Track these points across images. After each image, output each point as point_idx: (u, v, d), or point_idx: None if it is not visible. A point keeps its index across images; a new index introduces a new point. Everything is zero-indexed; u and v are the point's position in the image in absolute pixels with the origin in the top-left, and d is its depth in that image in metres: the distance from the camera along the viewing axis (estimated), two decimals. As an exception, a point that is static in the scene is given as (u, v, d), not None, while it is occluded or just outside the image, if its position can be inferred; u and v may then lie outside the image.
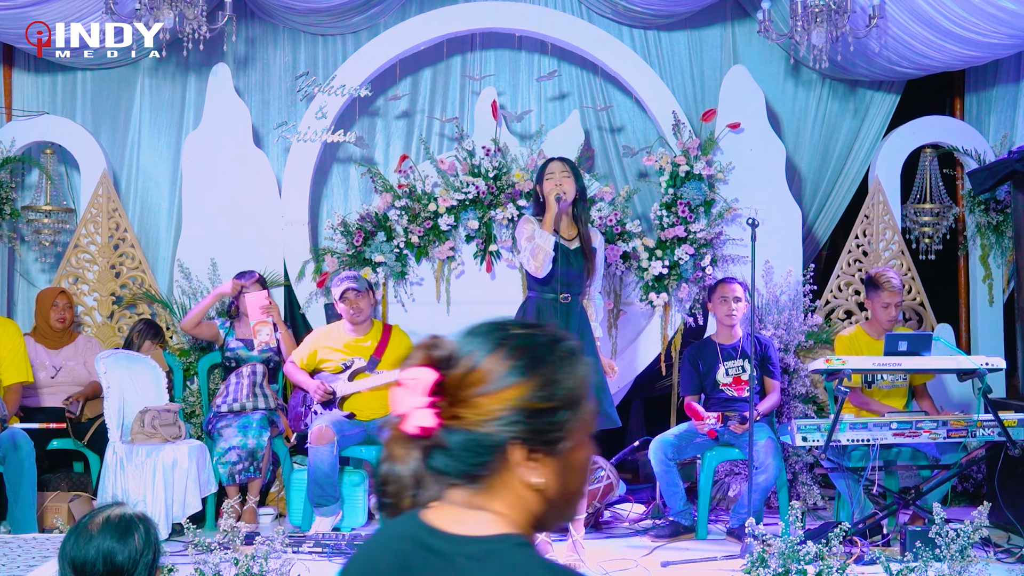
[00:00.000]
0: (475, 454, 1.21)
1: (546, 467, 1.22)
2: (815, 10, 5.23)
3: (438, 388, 1.22)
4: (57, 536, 4.32)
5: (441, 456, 1.23)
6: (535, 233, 4.34)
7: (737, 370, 5.18)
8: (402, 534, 1.25)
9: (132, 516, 2.03)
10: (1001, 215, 6.21)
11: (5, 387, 5.10)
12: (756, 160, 6.02)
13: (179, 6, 5.04)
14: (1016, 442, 4.56)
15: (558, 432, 1.22)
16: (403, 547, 1.24)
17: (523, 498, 1.23)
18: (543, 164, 4.55)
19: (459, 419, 1.21)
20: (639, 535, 5.08)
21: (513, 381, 1.21)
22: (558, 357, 1.23)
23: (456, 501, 1.24)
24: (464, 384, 1.21)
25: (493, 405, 1.20)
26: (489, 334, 1.25)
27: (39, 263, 6.24)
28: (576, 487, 1.27)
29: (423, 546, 1.22)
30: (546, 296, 4.35)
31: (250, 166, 5.99)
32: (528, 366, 1.22)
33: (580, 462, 1.26)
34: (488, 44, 6.38)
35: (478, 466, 1.22)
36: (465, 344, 1.24)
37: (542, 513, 1.25)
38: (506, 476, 1.22)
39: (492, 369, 1.21)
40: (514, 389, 1.20)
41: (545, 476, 1.22)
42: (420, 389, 1.21)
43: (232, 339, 5.52)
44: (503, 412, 1.20)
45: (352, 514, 5.13)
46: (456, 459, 1.22)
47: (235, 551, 3.42)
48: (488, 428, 1.20)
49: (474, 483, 1.23)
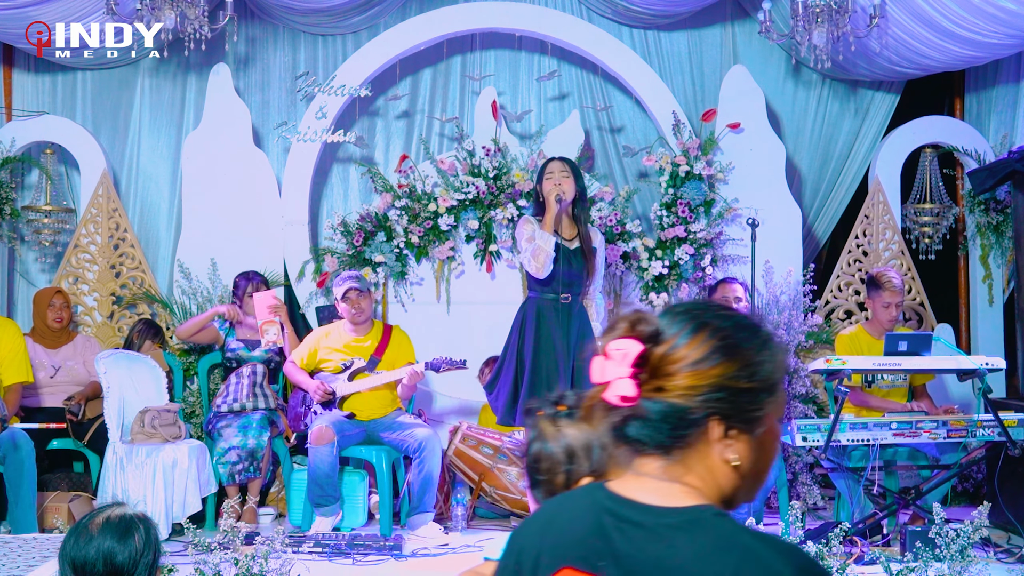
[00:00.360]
0: (674, 426, 1.25)
1: (741, 445, 1.27)
2: (816, 10, 5.23)
3: (641, 360, 1.25)
4: (57, 536, 4.32)
5: (639, 425, 1.27)
6: (535, 234, 4.33)
7: None
8: (591, 505, 1.29)
9: (132, 516, 2.02)
10: (1001, 215, 6.21)
11: (5, 387, 5.10)
12: (756, 160, 6.02)
13: (180, 6, 5.04)
14: (1016, 442, 4.56)
15: (756, 412, 1.27)
16: (597, 518, 1.27)
17: (715, 473, 1.27)
18: (543, 164, 4.55)
19: (662, 391, 1.25)
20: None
21: (718, 360, 1.25)
22: (760, 342, 1.28)
23: (647, 472, 1.28)
24: (669, 359, 1.25)
25: (697, 381, 1.24)
26: (695, 315, 1.29)
27: (39, 263, 6.24)
28: (764, 468, 1.31)
29: (618, 517, 1.25)
30: (547, 296, 4.35)
31: (250, 166, 5.99)
32: (732, 347, 1.26)
33: (771, 444, 1.31)
34: (488, 44, 6.39)
35: (676, 438, 1.26)
36: (671, 322, 1.28)
37: (731, 490, 1.29)
38: (702, 450, 1.26)
39: (697, 347, 1.25)
40: (718, 367, 1.25)
41: (739, 453, 1.27)
42: (625, 360, 1.25)
43: (232, 339, 5.52)
44: (706, 388, 1.24)
45: (352, 514, 5.13)
46: (655, 428, 1.26)
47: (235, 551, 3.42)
48: (690, 402, 1.24)
49: (669, 454, 1.27)
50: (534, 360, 4.28)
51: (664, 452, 1.27)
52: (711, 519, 1.23)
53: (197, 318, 5.56)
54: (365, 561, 4.46)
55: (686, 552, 1.20)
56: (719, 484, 1.28)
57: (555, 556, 1.28)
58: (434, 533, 4.92)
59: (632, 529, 1.24)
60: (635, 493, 1.27)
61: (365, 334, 5.25)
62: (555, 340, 4.28)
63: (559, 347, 4.27)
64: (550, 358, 4.28)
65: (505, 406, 4.32)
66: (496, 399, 4.39)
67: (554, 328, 4.30)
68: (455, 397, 5.91)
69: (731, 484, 1.29)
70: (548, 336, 4.30)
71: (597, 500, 1.29)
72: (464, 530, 5.13)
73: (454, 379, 5.58)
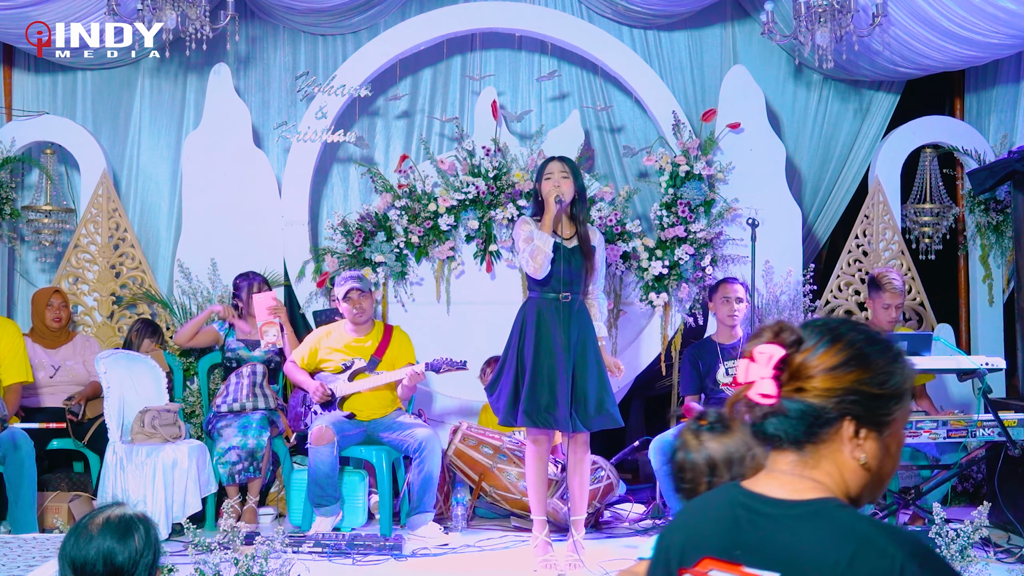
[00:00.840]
0: (810, 423, 1.40)
1: (870, 445, 1.41)
2: (819, 10, 5.23)
3: (782, 364, 1.41)
4: (57, 536, 4.33)
5: (778, 421, 1.42)
6: (533, 234, 4.33)
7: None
8: (728, 501, 1.45)
9: (132, 516, 2.02)
10: (1001, 215, 6.21)
11: (5, 387, 5.10)
12: (756, 160, 6.02)
13: (181, 6, 5.04)
14: (1016, 442, 4.56)
15: (886, 416, 1.41)
16: (732, 512, 1.43)
17: (843, 471, 1.42)
18: (542, 164, 4.54)
19: (801, 392, 1.41)
20: (639, 535, 5.08)
21: (853, 367, 1.40)
22: (891, 356, 1.43)
23: (781, 469, 1.44)
24: (808, 364, 1.41)
25: (833, 384, 1.39)
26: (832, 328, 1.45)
27: (39, 263, 6.24)
28: (888, 471, 1.45)
29: (750, 510, 1.41)
30: (547, 296, 4.34)
31: (250, 166, 5.99)
32: (865, 357, 1.41)
33: (896, 449, 1.45)
34: (488, 44, 6.38)
35: (811, 434, 1.41)
36: (811, 333, 1.44)
37: (856, 488, 1.43)
38: (833, 448, 1.41)
39: (834, 355, 1.41)
40: (853, 374, 1.40)
41: (868, 453, 1.41)
42: (768, 362, 1.42)
43: (232, 339, 5.52)
44: (841, 391, 1.39)
45: (352, 514, 5.13)
46: (792, 425, 1.41)
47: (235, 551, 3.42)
48: (826, 402, 1.40)
49: (801, 450, 1.42)
50: (535, 360, 4.28)
51: (797, 448, 1.42)
52: (833, 509, 1.37)
53: (192, 321, 5.56)
54: (365, 561, 4.46)
55: (808, 539, 1.34)
56: (846, 482, 1.42)
57: (697, 548, 1.44)
58: (434, 533, 4.92)
59: (762, 520, 1.39)
60: (767, 489, 1.42)
61: (366, 334, 5.25)
62: (555, 340, 4.28)
63: (560, 347, 4.27)
64: (551, 358, 4.27)
65: (506, 407, 4.32)
66: (497, 400, 4.39)
67: (555, 328, 4.29)
68: (455, 397, 5.91)
69: (857, 483, 1.42)
70: (548, 336, 4.29)
71: (733, 497, 1.44)
72: (464, 530, 5.13)
73: (454, 379, 5.58)
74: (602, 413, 4.30)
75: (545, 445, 4.40)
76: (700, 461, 1.56)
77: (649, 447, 5.12)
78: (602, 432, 6.03)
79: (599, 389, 4.32)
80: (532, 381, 4.25)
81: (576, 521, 4.43)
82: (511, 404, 4.29)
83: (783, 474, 1.43)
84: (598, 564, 4.34)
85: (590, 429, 4.32)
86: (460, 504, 5.19)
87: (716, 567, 1.41)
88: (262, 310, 5.38)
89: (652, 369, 5.99)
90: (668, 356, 5.91)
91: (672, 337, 5.91)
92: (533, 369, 4.26)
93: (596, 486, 5.08)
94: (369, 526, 5.19)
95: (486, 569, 4.44)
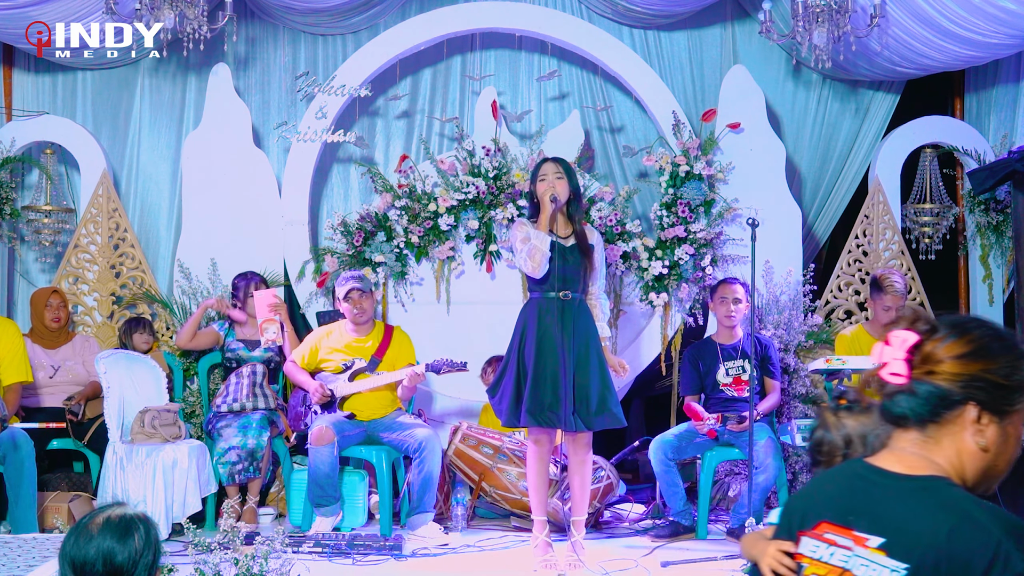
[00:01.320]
0: (936, 404, 1.52)
1: (991, 431, 1.52)
2: (816, 10, 5.23)
3: (915, 349, 1.55)
4: (57, 536, 4.33)
5: (907, 399, 1.55)
6: (530, 234, 4.33)
7: (737, 370, 5.18)
8: (849, 473, 1.60)
9: (133, 516, 2.02)
10: (1001, 215, 6.21)
11: (5, 387, 5.10)
12: (756, 160, 6.02)
13: (180, 6, 5.04)
14: (1016, 442, 4.56)
15: (1008, 407, 1.52)
16: (851, 482, 1.58)
17: (962, 455, 1.53)
18: (536, 166, 4.54)
19: (931, 375, 1.53)
20: (639, 535, 5.08)
21: (980, 358, 1.52)
22: (1019, 353, 1.54)
23: (902, 447, 1.57)
24: (938, 351, 1.53)
25: (960, 370, 1.52)
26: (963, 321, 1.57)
27: (39, 263, 6.24)
28: (1004, 460, 1.56)
29: (867, 481, 1.56)
30: (547, 296, 4.34)
31: (250, 166, 5.99)
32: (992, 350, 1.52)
33: (1015, 440, 1.55)
34: (488, 44, 6.39)
35: (935, 415, 1.53)
36: (944, 324, 1.57)
37: (973, 472, 1.54)
38: (955, 430, 1.53)
39: (964, 345, 1.53)
40: (980, 363, 1.52)
41: (988, 439, 1.52)
42: (902, 346, 1.56)
43: (232, 339, 5.52)
44: (967, 377, 1.51)
45: (352, 514, 5.14)
46: (919, 404, 1.54)
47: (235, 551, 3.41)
48: (953, 386, 1.52)
49: (925, 430, 1.55)
50: (536, 360, 4.27)
51: (921, 428, 1.54)
52: (943, 487, 1.49)
53: (189, 320, 5.57)
54: (365, 561, 4.46)
55: (915, 510, 1.47)
56: (963, 464, 1.53)
57: (816, 513, 1.60)
58: (434, 533, 4.92)
59: (876, 490, 1.53)
60: (886, 463, 1.56)
61: (366, 334, 5.25)
62: (556, 339, 4.28)
63: (561, 345, 4.27)
64: (552, 357, 4.27)
65: (509, 408, 4.32)
66: (500, 402, 4.39)
67: (555, 327, 4.29)
68: (455, 397, 5.91)
69: (974, 467, 1.54)
70: (549, 335, 4.29)
71: (854, 470, 1.59)
72: (464, 530, 5.13)
73: (454, 380, 5.58)
74: (604, 412, 4.29)
75: (547, 445, 4.40)
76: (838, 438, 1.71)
77: (649, 447, 5.12)
78: (602, 432, 6.04)
79: (601, 388, 4.31)
80: (534, 381, 4.25)
81: (576, 521, 4.42)
82: (514, 405, 4.29)
83: (903, 452, 1.55)
84: (598, 564, 4.34)
85: (592, 428, 4.32)
86: (460, 504, 5.19)
87: (831, 530, 1.56)
88: (262, 307, 5.38)
89: (652, 369, 5.99)
90: (668, 356, 5.91)
91: (672, 337, 5.91)
92: (535, 369, 4.26)
93: (596, 486, 5.08)
94: (369, 526, 5.19)
95: (486, 569, 4.43)
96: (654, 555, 4.62)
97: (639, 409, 6.92)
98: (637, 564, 4.44)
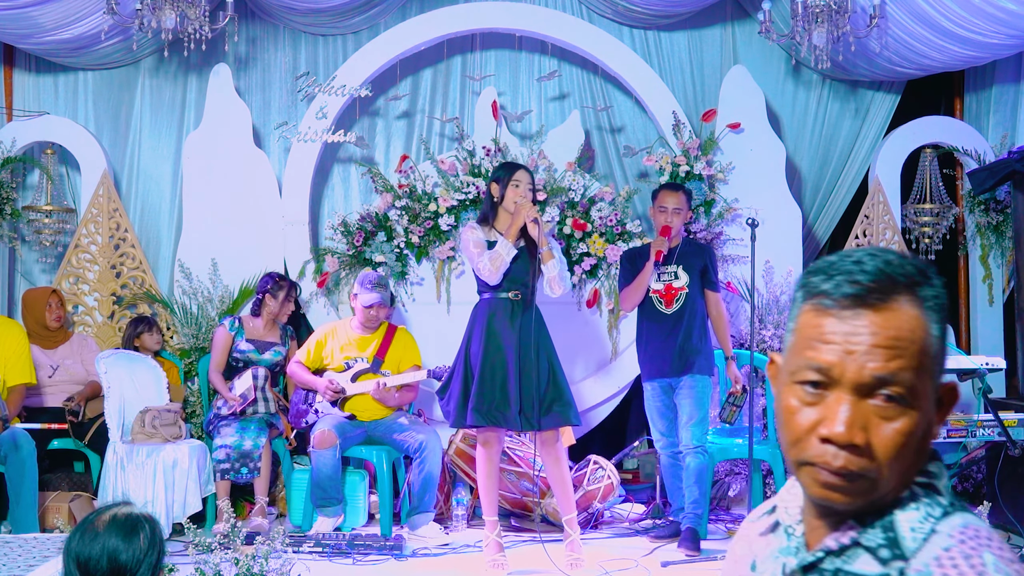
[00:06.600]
0: None
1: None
2: (816, 10, 5.23)
3: None
4: (58, 536, 4.33)
5: None
6: (491, 241, 4.35)
7: (670, 276, 4.88)
8: None
9: (139, 516, 2.03)
10: (1001, 215, 6.21)
11: (9, 388, 5.10)
12: (756, 160, 6.02)
13: (181, 6, 5.04)
14: (1016, 442, 4.57)
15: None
16: None
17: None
18: (507, 167, 4.50)
19: None
20: (639, 535, 5.08)
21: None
22: None
23: None
24: None
25: None
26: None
27: (40, 263, 6.24)
28: None
29: None
30: (499, 296, 4.36)
31: (250, 166, 5.99)
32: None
33: None
34: (488, 44, 6.39)
35: None
36: None
37: None
38: None
39: None
40: None
41: None
42: None
43: (242, 340, 5.47)
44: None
45: (352, 514, 5.14)
46: None
47: (235, 551, 3.42)
48: None
49: None
50: (483, 360, 4.28)
51: None
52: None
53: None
54: (365, 561, 4.47)
55: None
56: None
57: None
58: (434, 533, 4.92)
59: None
60: None
61: (370, 334, 5.26)
62: (504, 339, 4.29)
63: (509, 345, 4.28)
64: (500, 356, 4.27)
65: (457, 408, 4.32)
66: (448, 403, 4.38)
67: (504, 327, 4.30)
68: (455, 397, 5.91)
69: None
70: (497, 335, 4.30)
71: None
72: (464, 530, 5.13)
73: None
74: (553, 412, 4.27)
75: (496, 446, 4.37)
76: None
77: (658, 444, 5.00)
78: (602, 432, 6.06)
79: (551, 388, 4.30)
80: (481, 380, 4.25)
81: (569, 520, 4.38)
82: (461, 405, 4.29)
83: None
84: (598, 564, 4.34)
85: (540, 428, 4.28)
86: (460, 504, 5.20)
87: None
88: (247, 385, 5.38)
89: (652, 369, 5.98)
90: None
91: (672, 337, 5.91)
92: (482, 369, 4.26)
93: (596, 486, 5.08)
94: (369, 526, 5.19)
95: (486, 569, 4.44)
96: (654, 555, 4.62)
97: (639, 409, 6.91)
98: (637, 564, 4.44)
